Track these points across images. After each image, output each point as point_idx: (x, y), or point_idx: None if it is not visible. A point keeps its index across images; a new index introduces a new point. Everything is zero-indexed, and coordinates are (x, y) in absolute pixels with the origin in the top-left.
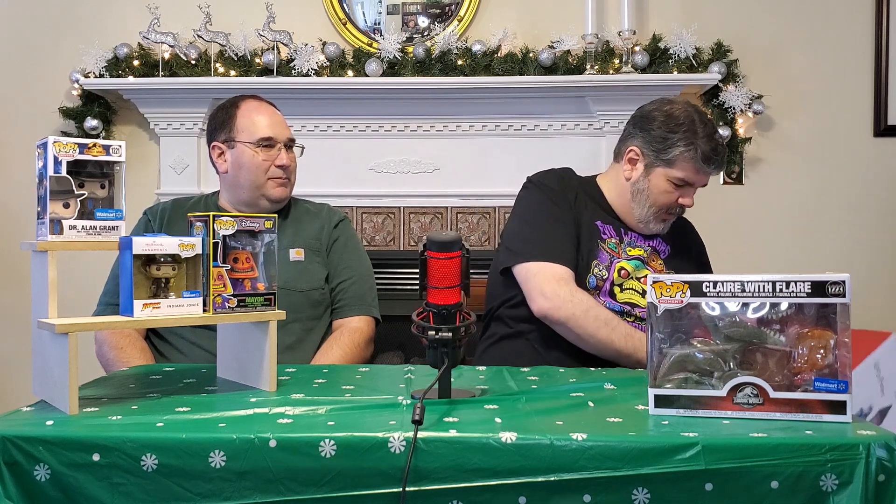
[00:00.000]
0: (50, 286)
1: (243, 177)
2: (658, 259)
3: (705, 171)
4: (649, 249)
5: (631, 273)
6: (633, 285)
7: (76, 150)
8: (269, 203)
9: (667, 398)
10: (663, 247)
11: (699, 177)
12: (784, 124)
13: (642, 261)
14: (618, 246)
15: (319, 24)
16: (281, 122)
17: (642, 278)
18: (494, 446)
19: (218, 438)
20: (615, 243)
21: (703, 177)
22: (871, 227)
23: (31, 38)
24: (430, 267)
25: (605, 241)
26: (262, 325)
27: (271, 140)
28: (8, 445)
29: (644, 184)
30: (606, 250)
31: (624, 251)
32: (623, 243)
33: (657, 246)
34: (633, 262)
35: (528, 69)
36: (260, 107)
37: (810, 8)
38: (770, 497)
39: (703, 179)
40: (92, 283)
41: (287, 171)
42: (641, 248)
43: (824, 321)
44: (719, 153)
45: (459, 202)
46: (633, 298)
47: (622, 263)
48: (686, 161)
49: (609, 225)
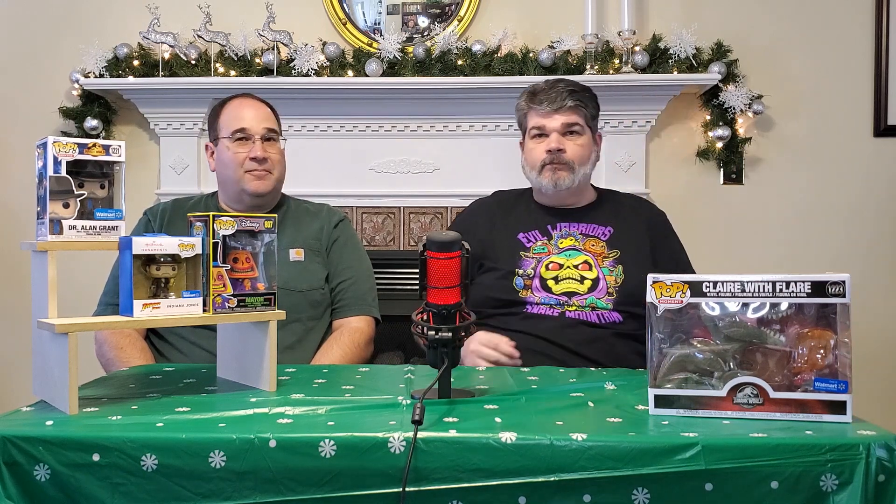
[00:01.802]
0: (50, 286)
1: (224, 172)
2: (598, 241)
3: (546, 110)
4: (581, 236)
5: (563, 263)
6: (570, 273)
7: (76, 150)
8: (250, 197)
9: (667, 398)
10: (601, 230)
11: (547, 118)
12: (784, 124)
13: (575, 249)
14: (546, 245)
15: (319, 24)
16: (259, 116)
17: (580, 265)
18: (494, 446)
19: (218, 438)
20: (542, 244)
21: (550, 115)
22: (870, 227)
23: (31, 38)
24: (430, 267)
25: (530, 249)
26: (262, 325)
27: (245, 132)
28: (8, 445)
29: (524, 159)
30: (531, 256)
31: (555, 246)
32: (553, 240)
33: (591, 232)
34: (564, 254)
35: (528, 69)
36: (242, 103)
37: (810, 8)
38: (770, 497)
39: (554, 118)
40: (92, 283)
41: (264, 164)
42: (572, 236)
43: (824, 321)
44: (553, 90)
45: (459, 202)
46: (571, 287)
47: (551, 258)
48: (525, 111)
49: (534, 230)
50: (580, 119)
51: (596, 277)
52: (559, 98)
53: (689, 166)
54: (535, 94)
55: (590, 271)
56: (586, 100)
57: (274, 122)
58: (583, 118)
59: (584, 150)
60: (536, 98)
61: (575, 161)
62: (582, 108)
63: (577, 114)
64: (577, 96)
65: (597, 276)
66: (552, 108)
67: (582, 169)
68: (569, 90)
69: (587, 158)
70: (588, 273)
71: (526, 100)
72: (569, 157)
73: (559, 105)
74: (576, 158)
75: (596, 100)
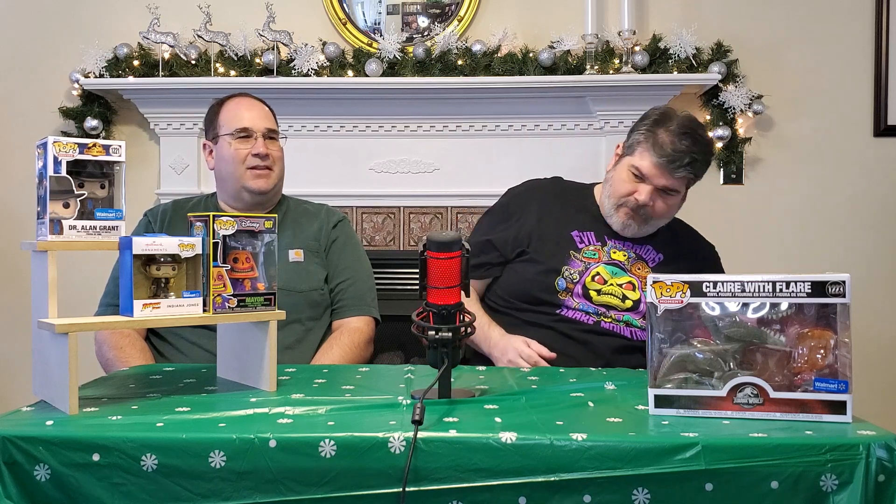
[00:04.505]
0: (50, 286)
1: (224, 170)
2: (645, 267)
3: (661, 166)
4: (633, 256)
5: (608, 279)
6: (612, 290)
7: (76, 150)
8: (251, 195)
9: (667, 398)
10: (653, 255)
11: (656, 171)
12: (784, 124)
13: (622, 267)
14: (598, 251)
15: (319, 24)
16: (260, 115)
17: (624, 284)
18: (494, 446)
19: (218, 438)
20: (594, 250)
21: (660, 173)
22: (870, 227)
23: (31, 38)
24: (430, 267)
25: (582, 250)
26: (262, 325)
27: (247, 130)
28: (8, 445)
29: (611, 174)
30: (581, 259)
31: (606, 254)
32: (606, 247)
33: (644, 254)
34: (610, 268)
35: (528, 69)
36: (241, 101)
37: (810, 8)
38: (770, 497)
39: (662, 177)
40: (92, 283)
41: (266, 161)
42: (625, 252)
43: (824, 321)
44: (679, 152)
45: (459, 202)
46: (612, 301)
47: (598, 269)
48: (642, 149)
49: (590, 232)
50: (682, 186)
51: (638, 299)
52: (678, 162)
53: None
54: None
55: (633, 292)
56: (701, 171)
57: (274, 122)
58: (685, 184)
59: (671, 210)
60: (659, 143)
61: (657, 218)
62: (693, 179)
63: (683, 181)
64: (696, 167)
65: (639, 298)
66: (666, 167)
67: (658, 224)
68: (692, 158)
69: (670, 216)
70: (631, 293)
71: (648, 132)
72: (653, 214)
73: (674, 168)
74: (658, 216)
75: (709, 164)
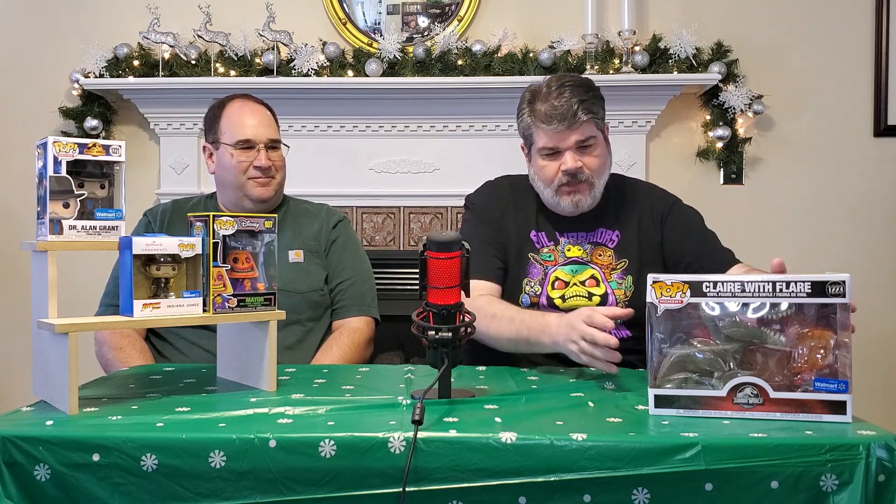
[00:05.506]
0: (50, 286)
1: (225, 177)
2: (606, 250)
3: (558, 129)
4: (589, 246)
5: (569, 280)
6: (577, 290)
7: (76, 150)
8: (252, 203)
9: (667, 398)
10: (609, 234)
11: (558, 136)
12: (784, 124)
13: (581, 262)
14: (553, 252)
15: (319, 24)
16: (263, 123)
17: (587, 281)
18: (494, 446)
19: (218, 438)
20: (549, 251)
21: (562, 135)
22: (871, 227)
23: (31, 38)
24: (430, 267)
25: (539, 252)
26: (262, 325)
27: (250, 142)
28: (8, 445)
29: (532, 171)
30: (539, 262)
31: (561, 254)
32: (559, 246)
33: (600, 237)
34: (568, 268)
35: (528, 69)
36: (243, 107)
37: (810, 8)
38: (770, 497)
39: (567, 137)
40: (92, 283)
41: (268, 172)
42: (580, 246)
43: (824, 321)
44: (562, 107)
45: (459, 202)
46: (580, 303)
47: (556, 273)
48: (535, 129)
49: (543, 231)
50: (594, 130)
51: (604, 293)
52: (569, 114)
53: (689, 166)
54: (541, 108)
55: (597, 287)
56: (596, 106)
57: (276, 129)
58: (595, 126)
59: (602, 159)
60: (543, 114)
61: (594, 174)
62: (594, 117)
63: (590, 125)
64: (587, 105)
65: (605, 292)
66: (564, 126)
67: (601, 180)
68: (578, 100)
69: (605, 166)
70: (596, 289)
71: (530, 113)
72: (588, 172)
73: (570, 122)
74: (595, 172)
75: (602, 98)
